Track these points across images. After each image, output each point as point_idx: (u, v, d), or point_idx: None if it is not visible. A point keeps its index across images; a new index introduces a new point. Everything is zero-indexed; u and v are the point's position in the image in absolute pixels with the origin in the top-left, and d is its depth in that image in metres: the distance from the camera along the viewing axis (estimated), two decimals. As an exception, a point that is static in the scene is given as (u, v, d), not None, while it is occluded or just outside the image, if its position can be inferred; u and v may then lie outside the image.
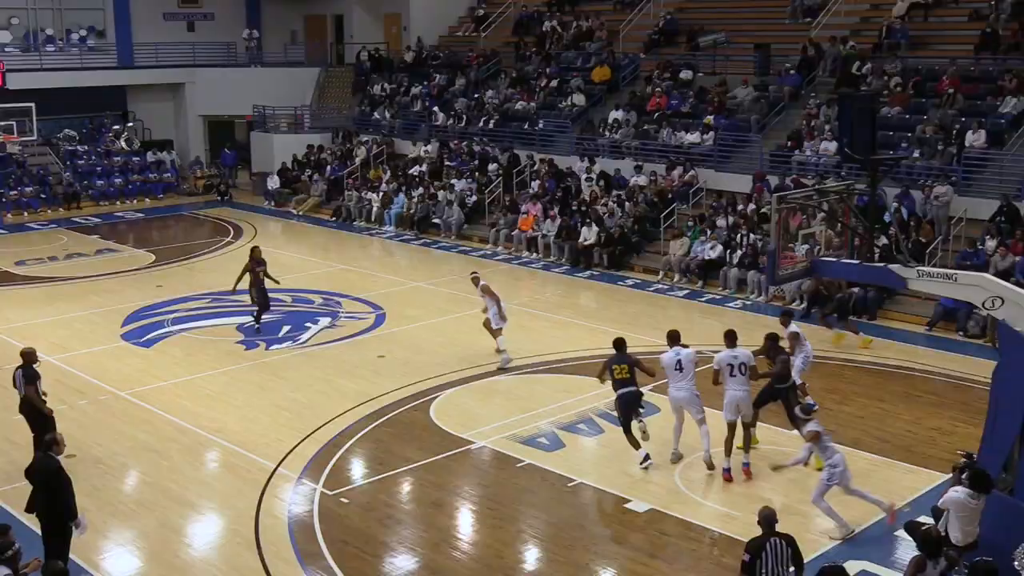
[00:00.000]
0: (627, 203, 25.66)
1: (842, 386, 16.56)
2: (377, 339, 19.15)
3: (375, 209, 30.13)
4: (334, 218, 30.97)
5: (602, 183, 27.03)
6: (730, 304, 21.66)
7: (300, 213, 30.75)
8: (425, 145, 32.47)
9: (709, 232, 23.48)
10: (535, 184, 28.11)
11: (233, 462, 13.80)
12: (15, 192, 32.14)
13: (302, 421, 15.05)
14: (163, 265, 25.00)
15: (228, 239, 28.28)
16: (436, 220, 28.51)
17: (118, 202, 33.41)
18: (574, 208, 26.17)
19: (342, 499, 12.63)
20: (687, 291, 22.67)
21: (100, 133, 36.39)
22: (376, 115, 35.38)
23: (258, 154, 36.09)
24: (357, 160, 33.21)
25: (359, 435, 14.60)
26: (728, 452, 13.01)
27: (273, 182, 33.55)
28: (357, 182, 31.93)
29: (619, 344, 13.70)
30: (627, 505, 12.44)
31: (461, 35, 38.00)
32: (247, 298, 20.86)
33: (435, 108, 33.81)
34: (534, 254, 25.88)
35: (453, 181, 29.60)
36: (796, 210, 12.36)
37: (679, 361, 13.23)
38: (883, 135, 22.63)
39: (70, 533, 10.42)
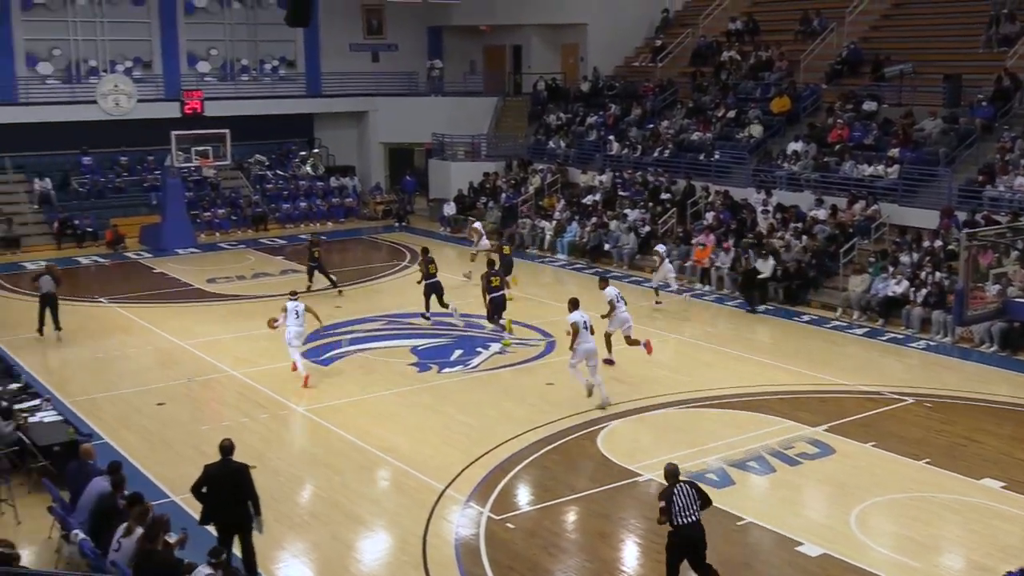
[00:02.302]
0: (804, 236, 25.04)
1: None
2: (546, 367, 19.26)
3: (548, 237, 30.39)
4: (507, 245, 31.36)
5: (779, 216, 26.48)
6: (912, 344, 20.81)
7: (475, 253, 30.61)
8: (599, 174, 32.57)
9: (891, 268, 22.67)
10: (709, 215, 27.78)
11: (403, 481, 14.10)
12: (208, 213, 33.89)
13: (471, 444, 15.25)
14: (342, 286, 25.83)
15: (404, 263, 29.03)
16: (608, 249, 28.52)
17: (302, 224, 34.77)
18: (749, 241, 25.72)
19: (508, 524, 12.72)
20: (867, 329, 21.91)
21: (288, 158, 38.06)
22: (551, 144, 35.74)
23: (435, 181, 36.98)
24: (531, 188, 33.59)
25: (526, 461, 14.69)
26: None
27: (449, 208, 34.30)
28: (531, 210, 32.28)
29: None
30: (798, 548, 12.06)
31: (638, 65, 38.01)
32: (421, 321, 21.34)
33: (610, 137, 33.89)
34: (707, 286, 25.54)
35: (626, 211, 29.57)
36: (987, 248, 11.82)
37: (586, 323, 16.69)
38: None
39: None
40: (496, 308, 21.11)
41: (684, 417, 16.52)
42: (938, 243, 22.83)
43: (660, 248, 24.65)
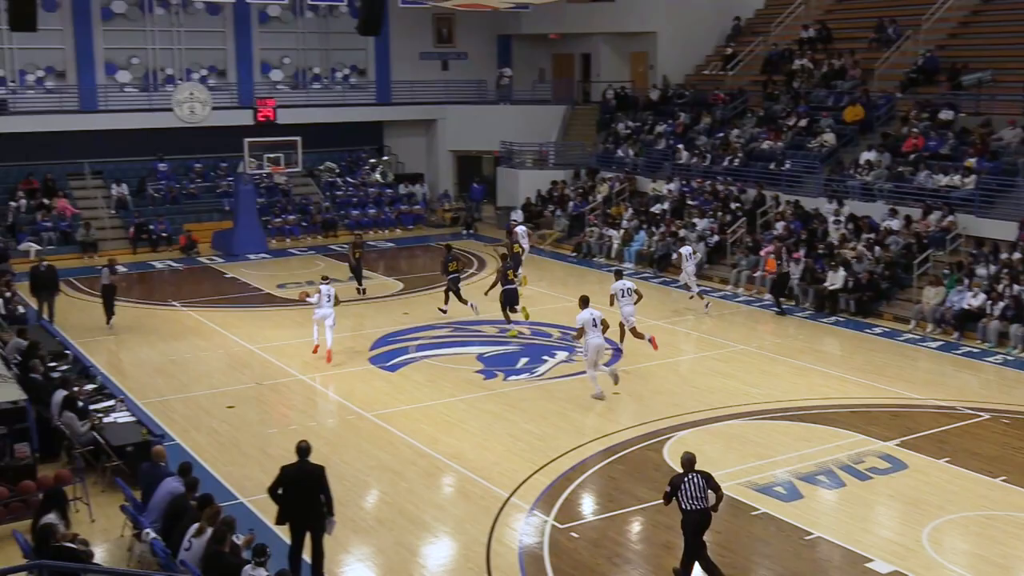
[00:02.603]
0: (877, 247, 24.63)
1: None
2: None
3: (616, 245, 30.30)
4: (575, 253, 31.35)
5: (851, 226, 26.08)
6: (988, 358, 20.33)
7: (545, 246, 31.14)
8: (668, 183, 32.39)
9: (967, 281, 22.18)
10: (780, 225, 27.45)
11: (468, 488, 14.13)
12: (279, 219, 34.35)
13: (535, 453, 15.23)
14: (410, 293, 25.99)
15: (472, 271, 29.12)
16: (676, 258, 28.30)
17: (371, 231, 35.04)
18: (820, 251, 25.37)
19: (572, 533, 12.67)
20: (941, 342, 21.46)
21: (357, 166, 38.45)
22: (619, 152, 35.63)
23: (503, 188, 37.08)
24: (599, 196, 33.52)
25: (592, 471, 14.63)
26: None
27: (517, 216, 34.33)
28: (599, 218, 32.21)
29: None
30: (868, 564, 11.83)
31: (708, 73, 37.74)
32: (489, 328, 21.41)
33: (679, 146, 33.70)
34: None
35: (695, 220, 29.35)
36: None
37: (595, 320, 17.38)
38: None
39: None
40: (509, 300, 21.83)
41: (752, 429, 16.33)
42: (1016, 255, 22.31)
43: (684, 250, 25.10)
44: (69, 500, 12.28)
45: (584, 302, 17.89)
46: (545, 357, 20.23)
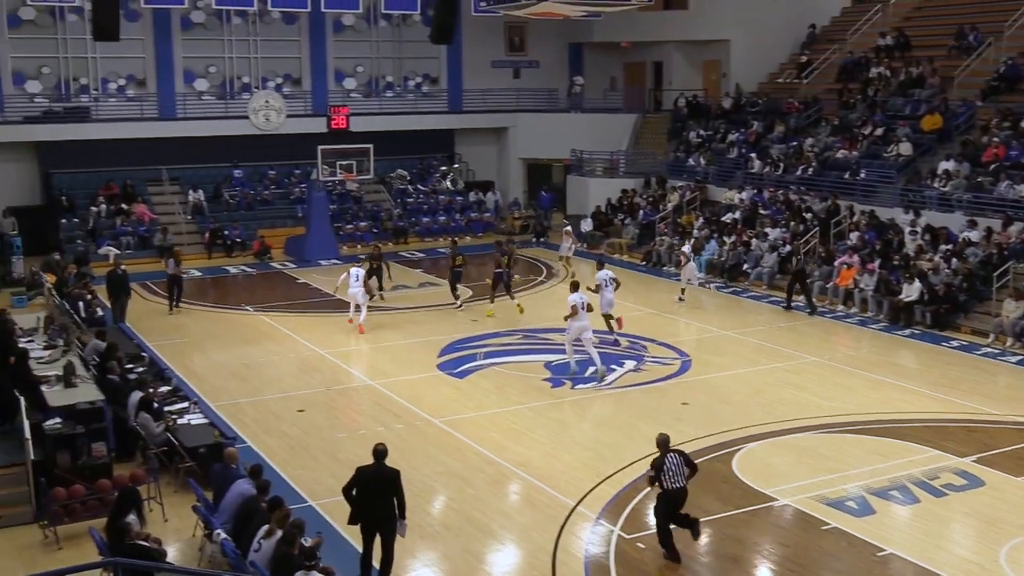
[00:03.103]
0: (955, 259, 24.12)
1: None
2: (681, 386, 19.04)
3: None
4: (644, 262, 31.19)
5: (928, 237, 25.58)
6: (1071, 374, 19.80)
7: (615, 255, 31.29)
8: (739, 192, 32.10)
9: (1049, 294, 21.61)
10: (854, 236, 27.03)
11: (534, 496, 14.13)
12: (351, 226, 34.70)
13: (602, 462, 15.18)
14: (478, 300, 26.07)
15: (540, 278, 29.14)
16: (748, 268, 28.06)
17: (441, 239, 35.23)
18: (895, 262, 24.93)
19: (639, 544, 12.59)
20: (1021, 356, 20.93)
21: (428, 173, 38.72)
22: (691, 161, 35.39)
23: (573, 197, 37.05)
24: (670, 205, 33.32)
25: (659, 481, 14.52)
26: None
27: (586, 224, 34.30)
28: (669, 227, 32.02)
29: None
30: (943, 583, 11.60)
31: (782, 82, 37.33)
32: (557, 336, 21.42)
33: (751, 155, 33.38)
34: (851, 308, 24.85)
35: (767, 229, 29.03)
36: None
37: (584, 303, 19.13)
38: None
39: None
40: (496, 282, 24.61)
41: (824, 442, 16.08)
42: (1101, 268, 21.69)
43: (685, 249, 26.70)
44: (143, 499, 12.56)
45: (574, 287, 19.80)
46: (614, 366, 20.15)
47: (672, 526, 12.16)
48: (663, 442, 12.21)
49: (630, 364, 20.35)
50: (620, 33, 38.89)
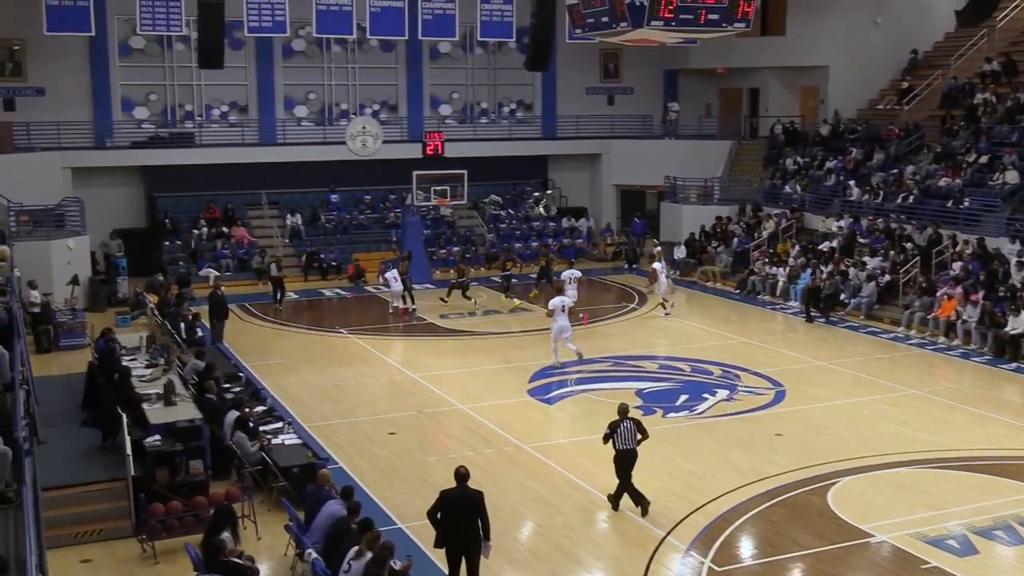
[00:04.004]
0: (1064, 291, 23.32)
1: None
2: (775, 416, 18.72)
3: (781, 283, 29.63)
4: (738, 290, 30.82)
5: (1035, 268, 24.78)
6: None
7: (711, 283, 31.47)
8: (837, 220, 31.54)
9: None
10: (957, 266, 26.32)
11: (623, 525, 14.01)
12: (444, 251, 35.02)
13: (693, 492, 15.00)
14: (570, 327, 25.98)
15: (632, 305, 28.99)
16: (845, 298, 27.51)
17: (534, 264, 35.24)
18: (1001, 294, 24.19)
19: (729, 577, 12.40)
20: None
21: (522, 199, 38.89)
22: (787, 188, 34.92)
23: (666, 224, 36.80)
24: (765, 233, 32.90)
25: (751, 513, 14.29)
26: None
27: (680, 252, 34.04)
28: (764, 255, 31.60)
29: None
30: (1049, 627, 11.15)
31: (882, 108, 36.63)
32: (648, 364, 21.27)
33: (850, 182, 32.79)
34: (953, 340, 24.17)
35: (865, 259, 28.45)
36: None
37: (564, 306, 21.97)
38: None
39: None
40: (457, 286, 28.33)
41: (924, 477, 15.63)
42: None
43: (656, 266, 27.84)
44: (238, 517, 12.79)
45: (559, 290, 23.90)
46: (706, 395, 19.93)
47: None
48: (623, 410, 14.39)
49: (722, 393, 20.10)
50: (716, 59, 38.63)
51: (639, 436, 14.16)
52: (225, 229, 33.78)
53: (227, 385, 18.00)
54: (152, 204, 34.26)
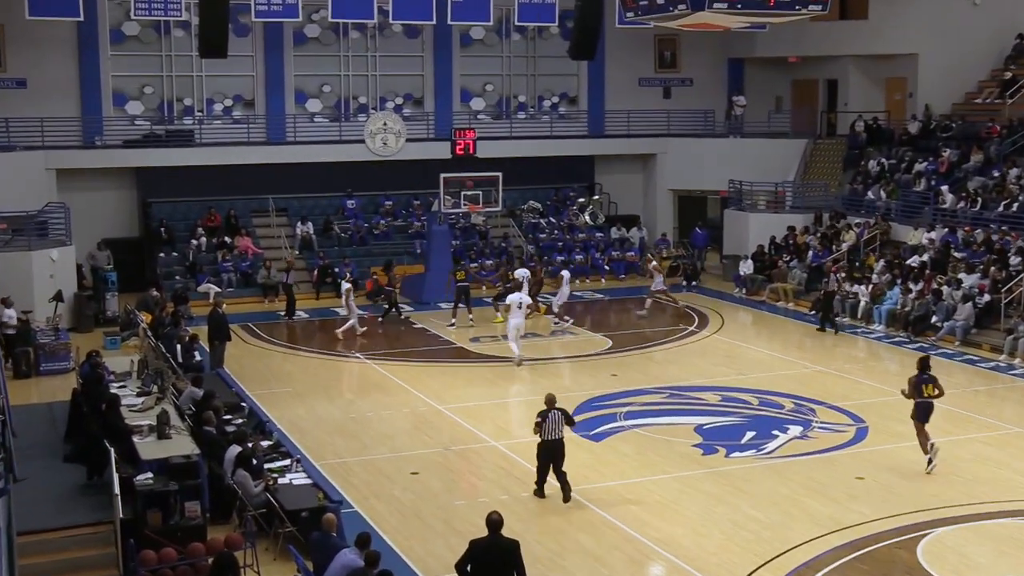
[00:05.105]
0: None
1: None
2: (856, 457, 18.59)
3: (863, 304, 29.42)
4: (814, 311, 30.60)
5: None
6: None
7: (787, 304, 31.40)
8: (928, 231, 31.33)
9: None
10: (1068, 284, 26.07)
11: (680, 581, 13.94)
12: (475, 264, 34.98)
13: (761, 544, 14.90)
14: (619, 352, 25.97)
15: (691, 328, 28.88)
16: (937, 321, 27.27)
17: (577, 280, 35.09)
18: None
19: (803, 642, 12.29)
20: None
21: (564, 205, 38.83)
22: (870, 194, 34.74)
23: (731, 234, 36.67)
24: (844, 245, 32.73)
25: (827, 568, 14.17)
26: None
27: (746, 267, 33.89)
28: (843, 271, 31.40)
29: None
30: None
31: (980, 102, 36.41)
32: (710, 396, 21.18)
33: (943, 188, 32.58)
34: (1062, 370, 23.94)
35: (961, 275, 28.22)
36: None
37: (520, 303, 24.77)
38: None
39: None
40: (459, 295, 29.14)
41: (1029, 530, 15.47)
42: None
43: (564, 273, 30.12)
44: (240, 567, 12.81)
45: (518, 287, 26.87)
46: (776, 432, 19.81)
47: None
48: (550, 400, 16.58)
49: (795, 430, 19.97)
50: (788, 47, 38.54)
51: (564, 426, 16.48)
52: (227, 239, 33.97)
53: (228, 416, 18.09)
54: (146, 210, 34.55)
